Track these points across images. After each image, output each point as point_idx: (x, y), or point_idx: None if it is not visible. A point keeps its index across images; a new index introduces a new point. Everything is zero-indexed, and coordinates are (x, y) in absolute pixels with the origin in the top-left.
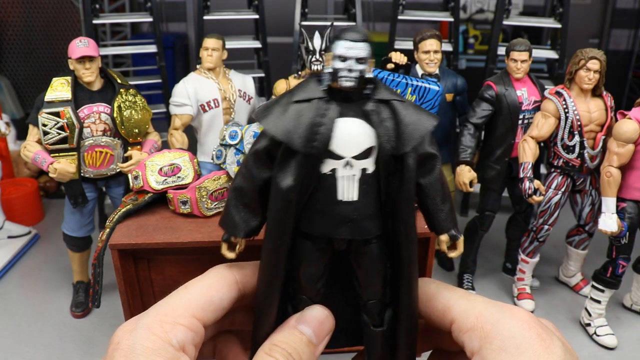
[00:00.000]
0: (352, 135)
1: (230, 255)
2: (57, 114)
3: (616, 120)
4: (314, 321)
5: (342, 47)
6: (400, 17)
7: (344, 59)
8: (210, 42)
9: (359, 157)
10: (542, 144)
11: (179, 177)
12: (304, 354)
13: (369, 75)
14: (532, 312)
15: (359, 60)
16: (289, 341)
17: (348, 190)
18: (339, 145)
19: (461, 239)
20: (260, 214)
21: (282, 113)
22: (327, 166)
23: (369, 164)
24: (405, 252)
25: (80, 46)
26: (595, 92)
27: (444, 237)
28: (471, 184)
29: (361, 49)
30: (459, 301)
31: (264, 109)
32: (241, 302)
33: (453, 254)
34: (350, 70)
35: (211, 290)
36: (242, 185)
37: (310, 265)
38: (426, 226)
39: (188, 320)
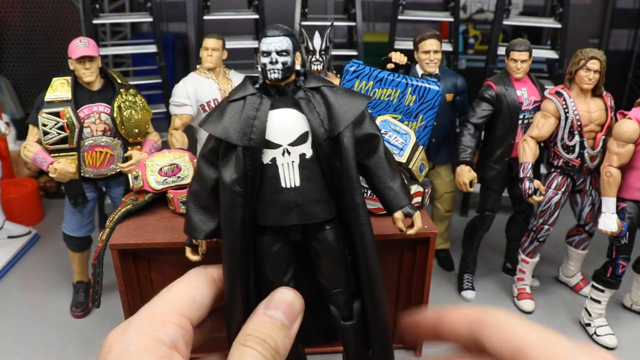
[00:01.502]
0: (285, 124)
1: (195, 257)
2: (57, 114)
3: (616, 120)
4: (282, 304)
5: (264, 44)
6: (400, 17)
7: (267, 53)
8: (210, 42)
9: (294, 143)
10: (542, 144)
11: (179, 177)
12: (279, 338)
13: (297, 67)
14: (531, 312)
15: (280, 52)
16: (261, 328)
17: (290, 176)
18: (274, 134)
19: (417, 214)
20: (218, 214)
21: (220, 114)
22: (267, 156)
23: (307, 149)
24: (357, 231)
25: (80, 46)
26: (595, 92)
27: (398, 215)
28: (471, 184)
29: (281, 42)
30: (539, 341)
31: (206, 116)
32: (220, 302)
33: (411, 231)
34: (273, 62)
35: (192, 289)
36: (196, 189)
37: (271, 258)
38: (426, 226)
39: (176, 318)
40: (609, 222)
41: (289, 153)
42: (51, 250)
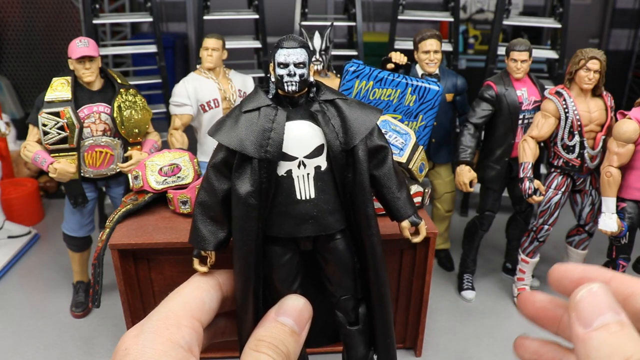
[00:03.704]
0: (301, 136)
1: (203, 269)
2: (57, 114)
3: (616, 120)
4: (293, 311)
5: (281, 55)
6: (400, 17)
7: (284, 65)
8: (210, 42)
9: (310, 155)
10: (542, 144)
11: (179, 177)
12: (289, 344)
13: (311, 79)
14: None
15: (298, 65)
16: (273, 334)
17: (305, 188)
18: (290, 147)
19: (422, 223)
20: (227, 225)
21: (233, 124)
22: (283, 168)
23: (322, 162)
24: (368, 242)
25: (80, 46)
26: (595, 92)
27: (405, 224)
28: (471, 184)
29: (299, 55)
30: None
31: (217, 124)
32: (224, 306)
33: (417, 239)
34: (291, 75)
35: (201, 292)
36: (205, 200)
37: (281, 268)
38: (426, 226)
39: (189, 321)
40: (609, 222)
41: (304, 165)
42: (51, 250)
